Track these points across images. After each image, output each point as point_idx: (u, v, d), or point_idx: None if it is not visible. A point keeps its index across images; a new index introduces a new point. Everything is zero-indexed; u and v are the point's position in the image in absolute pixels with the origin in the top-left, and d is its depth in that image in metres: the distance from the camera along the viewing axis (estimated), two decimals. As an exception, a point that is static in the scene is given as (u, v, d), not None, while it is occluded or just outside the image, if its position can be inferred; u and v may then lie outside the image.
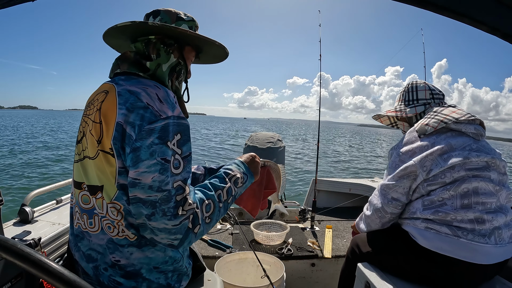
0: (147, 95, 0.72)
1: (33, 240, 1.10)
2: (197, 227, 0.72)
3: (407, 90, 1.36)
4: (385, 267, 1.17)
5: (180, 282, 0.86)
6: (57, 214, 1.58)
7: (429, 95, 1.29)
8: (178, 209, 0.69)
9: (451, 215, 1.01)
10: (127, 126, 0.69)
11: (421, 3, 0.82)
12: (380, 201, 1.18)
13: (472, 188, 1.03)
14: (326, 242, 1.98)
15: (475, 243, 0.98)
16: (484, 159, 1.07)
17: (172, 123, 0.71)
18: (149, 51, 0.84)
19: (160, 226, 0.69)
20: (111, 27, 0.81)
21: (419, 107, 1.29)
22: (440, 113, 1.17)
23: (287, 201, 3.08)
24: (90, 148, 0.75)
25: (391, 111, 1.38)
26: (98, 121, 0.74)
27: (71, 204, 0.86)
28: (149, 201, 0.68)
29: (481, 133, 1.13)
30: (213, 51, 1.00)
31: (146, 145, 0.68)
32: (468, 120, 1.12)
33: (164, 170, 0.68)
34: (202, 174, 1.12)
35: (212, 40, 0.89)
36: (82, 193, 0.78)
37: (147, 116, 0.69)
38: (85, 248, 0.79)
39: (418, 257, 1.06)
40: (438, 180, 1.06)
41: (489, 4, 0.78)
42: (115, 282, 0.76)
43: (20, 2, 0.79)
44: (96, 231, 0.76)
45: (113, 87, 0.77)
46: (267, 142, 2.77)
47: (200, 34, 0.87)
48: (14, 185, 6.52)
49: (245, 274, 1.58)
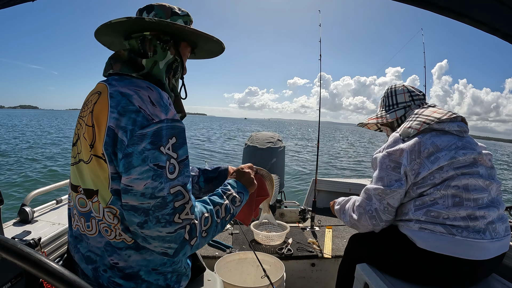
0: (139, 97, 0.69)
1: (33, 240, 1.10)
2: (194, 239, 0.71)
3: (386, 95, 1.36)
4: (384, 268, 1.17)
5: (180, 282, 0.86)
6: (57, 214, 1.58)
7: (409, 98, 1.29)
8: (174, 216, 0.67)
9: (443, 214, 1.02)
10: (119, 131, 0.67)
11: (421, 3, 0.82)
12: (375, 207, 1.12)
13: (462, 185, 1.03)
14: (326, 242, 1.98)
15: (471, 239, 0.99)
16: (471, 156, 1.07)
17: (165, 127, 0.68)
18: (145, 48, 0.81)
19: (154, 234, 0.67)
20: (104, 23, 0.77)
21: (399, 111, 1.29)
22: (421, 114, 1.17)
23: (287, 201, 3.08)
24: (84, 152, 0.74)
25: (373, 118, 1.38)
26: (90, 125, 0.71)
27: (69, 205, 0.85)
28: (142, 209, 0.66)
29: (465, 129, 1.13)
30: (209, 46, 0.96)
31: (138, 151, 0.65)
32: (450, 118, 1.12)
33: (157, 177, 0.66)
34: (196, 175, 1.10)
35: (210, 35, 0.87)
36: (79, 196, 0.77)
37: (139, 120, 0.67)
38: (84, 250, 0.78)
39: (417, 258, 1.05)
40: (428, 182, 1.06)
41: (489, 4, 0.78)
42: (115, 284, 0.76)
43: (20, 2, 0.79)
44: (94, 234, 0.75)
45: (105, 88, 0.74)
46: (267, 142, 2.77)
47: (197, 30, 0.84)
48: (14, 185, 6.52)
49: (245, 274, 1.58)
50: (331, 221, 2.44)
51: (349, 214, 1.24)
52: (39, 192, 1.59)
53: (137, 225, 0.67)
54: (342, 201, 1.35)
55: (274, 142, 2.79)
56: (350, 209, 1.24)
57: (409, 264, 1.08)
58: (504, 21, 0.82)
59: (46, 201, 1.67)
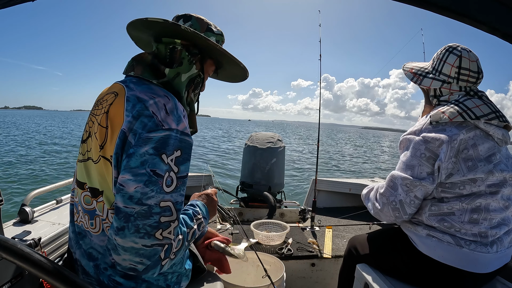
0: (155, 104, 0.69)
1: (33, 240, 1.10)
2: (166, 260, 0.67)
3: (439, 54, 1.07)
4: (383, 268, 1.16)
5: (180, 284, 0.86)
6: (57, 214, 1.58)
7: (454, 73, 1.02)
8: (156, 231, 0.63)
9: (456, 226, 0.96)
10: (129, 134, 0.67)
11: (421, 3, 0.82)
12: (400, 198, 1.00)
13: (485, 204, 0.96)
14: (326, 242, 1.98)
15: (477, 252, 0.95)
16: (505, 175, 0.98)
17: (174, 137, 0.68)
18: (173, 58, 0.81)
19: (127, 245, 0.62)
20: (139, 19, 0.77)
21: (436, 81, 1.06)
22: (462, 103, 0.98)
23: (287, 201, 3.08)
24: (94, 151, 0.74)
25: (412, 70, 1.15)
26: (104, 126, 0.71)
27: (71, 201, 0.85)
28: (124, 213, 0.63)
29: (506, 140, 1.01)
30: (233, 71, 0.97)
31: (140, 153, 0.64)
32: (497, 125, 0.99)
33: (150, 183, 0.63)
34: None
35: (238, 60, 0.88)
36: (85, 194, 0.77)
37: (149, 124, 0.67)
38: (86, 246, 0.78)
39: (417, 261, 1.04)
40: (456, 190, 0.96)
41: (489, 4, 0.78)
42: (115, 282, 0.76)
43: (20, 2, 0.79)
44: (97, 232, 0.76)
45: (123, 90, 0.74)
46: (267, 142, 2.77)
47: (227, 52, 0.85)
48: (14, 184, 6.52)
49: (245, 274, 1.58)
50: (331, 221, 2.44)
51: (372, 202, 1.13)
52: (39, 192, 1.59)
53: (113, 230, 0.63)
54: (371, 186, 1.20)
55: (274, 142, 2.79)
56: (373, 197, 1.13)
57: (408, 265, 1.08)
58: (504, 21, 0.82)
59: (46, 201, 1.67)
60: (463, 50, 1.02)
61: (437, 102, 1.07)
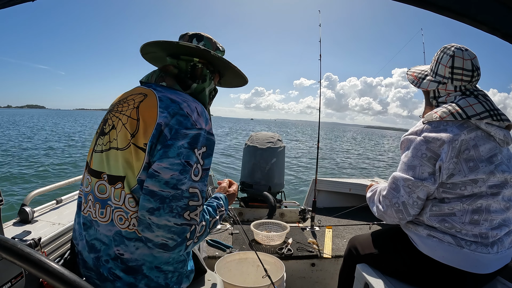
0: (188, 106, 0.80)
1: (33, 240, 1.10)
2: (190, 241, 0.75)
3: (435, 56, 1.09)
4: (384, 268, 1.16)
5: (180, 284, 0.86)
6: (57, 214, 1.58)
7: (448, 73, 1.03)
8: (185, 212, 0.73)
9: (456, 227, 0.97)
10: (165, 128, 0.76)
11: (421, 3, 0.82)
12: (403, 200, 1.01)
13: (485, 205, 0.97)
14: (326, 242, 1.98)
15: (478, 253, 0.95)
16: (506, 176, 0.98)
17: (203, 135, 0.79)
18: (195, 75, 0.94)
19: (161, 222, 0.70)
20: (172, 42, 0.89)
21: (433, 83, 1.08)
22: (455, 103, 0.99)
23: (287, 201, 3.08)
24: (120, 140, 0.79)
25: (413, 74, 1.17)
26: (135, 118, 0.79)
27: (80, 193, 0.89)
28: (160, 196, 0.71)
29: (508, 141, 1.01)
30: (236, 82, 1.11)
31: (177, 146, 0.74)
32: (499, 126, 0.99)
33: (184, 172, 0.73)
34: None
35: (244, 75, 1.03)
36: (100, 183, 0.80)
37: (185, 123, 0.77)
38: (90, 238, 0.81)
39: (418, 262, 1.04)
40: (457, 191, 0.97)
41: (489, 4, 0.78)
42: (114, 275, 0.77)
43: (20, 2, 0.79)
44: (106, 221, 0.78)
45: (152, 92, 0.83)
46: (267, 142, 2.77)
47: (239, 70, 0.99)
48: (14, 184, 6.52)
49: (245, 274, 1.58)
50: (331, 221, 2.44)
51: (376, 205, 1.13)
52: (39, 192, 1.59)
53: (147, 210, 0.71)
54: (374, 189, 1.21)
55: (274, 142, 2.79)
56: (377, 200, 1.13)
57: (408, 265, 1.08)
58: (504, 21, 0.82)
59: (46, 201, 1.67)
60: (456, 50, 1.03)
61: (436, 104, 1.08)
